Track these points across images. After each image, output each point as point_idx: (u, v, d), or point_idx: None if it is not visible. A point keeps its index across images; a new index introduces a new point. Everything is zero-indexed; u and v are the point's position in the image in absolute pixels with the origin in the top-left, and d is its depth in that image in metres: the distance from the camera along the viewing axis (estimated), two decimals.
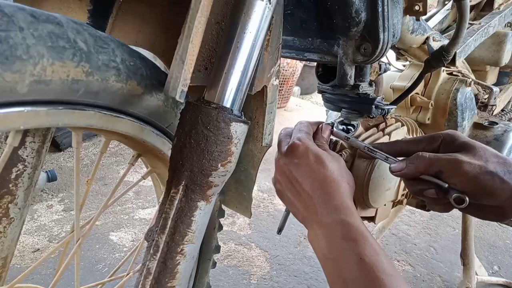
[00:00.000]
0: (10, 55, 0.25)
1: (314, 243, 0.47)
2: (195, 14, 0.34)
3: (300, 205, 0.50)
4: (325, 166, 0.49)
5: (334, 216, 0.45)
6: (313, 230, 0.47)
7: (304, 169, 0.49)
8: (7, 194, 0.45)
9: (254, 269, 1.33)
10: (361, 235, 0.43)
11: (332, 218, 0.45)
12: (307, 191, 0.48)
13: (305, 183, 0.49)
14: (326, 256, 0.44)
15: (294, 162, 0.50)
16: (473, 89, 0.96)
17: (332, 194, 0.47)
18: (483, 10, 1.11)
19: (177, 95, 0.35)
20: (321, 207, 0.47)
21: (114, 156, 2.11)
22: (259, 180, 1.96)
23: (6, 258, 0.48)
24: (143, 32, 0.53)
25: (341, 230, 0.44)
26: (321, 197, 0.47)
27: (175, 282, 0.39)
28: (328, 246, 0.44)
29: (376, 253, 0.41)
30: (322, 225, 0.46)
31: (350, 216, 0.45)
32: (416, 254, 1.50)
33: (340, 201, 0.47)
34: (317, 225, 0.47)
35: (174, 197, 0.38)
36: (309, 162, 0.49)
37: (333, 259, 0.43)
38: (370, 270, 0.40)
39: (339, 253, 0.43)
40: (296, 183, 0.50)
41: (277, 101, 0.50)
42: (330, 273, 0.43)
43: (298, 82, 3.91)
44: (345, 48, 0.54)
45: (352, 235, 0.43)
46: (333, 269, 0.43)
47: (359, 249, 0.42)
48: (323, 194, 0.47)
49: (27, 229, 1.42)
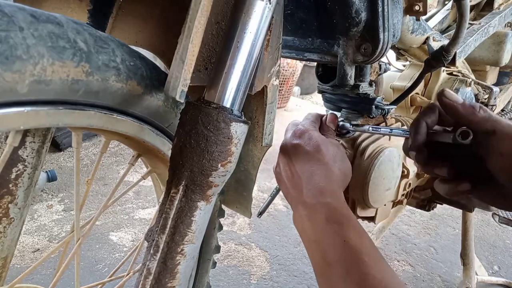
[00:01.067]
0: (10, 55, 0.25)
1: (299, 224, 0.47)
2: (195, 14, 0.34)
3: (290, 185, 0.51)
4: (320, 150, 0.50)
5: (319, 198, 0.46)
6: (298, 211, 0.48)
7: (300, 151, 0.51)
8: (7, 194, 0.45)
9: (254, 269, 1.33)
10: (346, 217, 0.44)
11: (316, 200, 0.46)
12: (298, 172, 0.49)
13: (298, 165, 0.50)
14: (310, 238, 0.45)
15: (293, 144, 0.52)
16: (473, 89, 0.96)
17: (320, 176, 0.48)
18: (483, 10, 1.11)
19: (177, 95, 0.35)
20: (306, 188, 0.47)
21: (114, 156, 2.11)
22: (259, 180, 1.96)
23: (6, 258, 0.48)
24: (143, 32, 0.52)
25: (326, 212, 0.44)
26: (308, 178, 0.48)
27: (175, 282, 0.39)
28: (312, 228, 0.45)
29: (360, 236, 0.42)
30: (306, 206, 0.46)
31: (334, 198, 0.46)
32: (416, 254, 1.50)
33: (326, 183, 0.47)
34: (302, 206, 0.47)
35: (174, 197, 0.38)
36: (304, 145, 0.51)
37: (316, 241, 0.44)
38: (353, 253, 0.40)
39: (323, 235, 0.43)
40: (292, 164, 0.51)
41: (277, 101, 0.50)
42: (314, 255, 0.44)
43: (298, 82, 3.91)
44: (345, 48, 0.54)
45: (336, 218, 0.44)
46: (317, 251, 0.43)
47: (343, 231, 0.42)
48: (311, 175, 0.48)
49: (27, 229, 1.42)
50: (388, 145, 0.74)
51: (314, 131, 0.53)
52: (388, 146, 0.73)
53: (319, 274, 0.43)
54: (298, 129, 0.54)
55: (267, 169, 2.04)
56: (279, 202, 1.79)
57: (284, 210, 1.73)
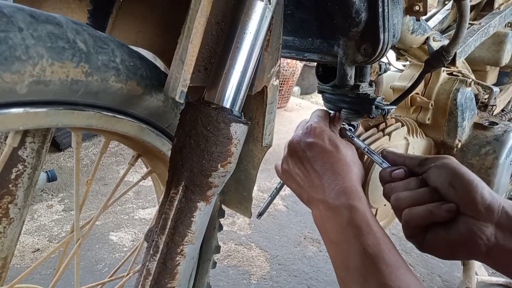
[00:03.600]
0: (9, 55, 0.25)
1: (320, 224, 0.47)
2: (195, 15, 0.34)
3: (308, 184, 0.50)
4: (339, 149, 0.49)
5: (342, 199, 0.45)
6: (319, 211, 0.47)
7: (317, 150, 0.50)
8: (7, 194, 0.45)
9: (254, 269, 1.33)
10: (366, 222, 0.43)
11: (340, 201, 0.45)
12: (318, 171, 0.49)
13: (316, 163, 0.49)
14: (331, 240, 0.45)
15: (308, 142, 0.51)
16: (473, 89, 0.96)
17: (343, 176, 0.47)
18: (483, 10, 1.11)
19: (177, 96, 0.35)
20: (329, 188, 0.47)
21: (114, 156, 2.11)
22: (259, 180, 1.96)
23: (6, 258, 0.48)
24: (143, 32, 0.52)
25: (348, 215, 0.44)
26: (331, 178, 0.47)
27: (175, 282, 0.39)
28: (334, 230, 0.45)
29: (378, 242, 0.41)
30: (329, 207, 0.46)
31: (358, 201, 0.45)
32: (416, 254, 1.50)
33: (350, 184, 0.47)
34: (323, 206, 0.47)
35: (174, 198, 0.38)
36: (323, 144, 0.50)
37: (337, 244, 0.44)
38: (371, 261, 0.40)
39: (343, 239, 0.43)
40: (307, 162, 0.50)
41: (277, 101, 0.50)
42: (334, 257, 0.44)
43: (298, 82, 3.91)
44: (345, 48, 0.53)
45: (358, 222, 0.43)
46: (337, 254, 0.43)
47: (363, 237, 0.42)
48: (334, 175, 0.48)
49: (27, 229, 1.42)
50: (388, 145, 0.74)
51: (328, 130, 0.52)
52: (388, 146, 0.73)
53: (339, 277, 0.43)
54: (312, 126, 0.52)
55: (267, 169, 2.04)
56: (279, 202, 1.79)
57: (284, 210, 1.73)
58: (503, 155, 0.85)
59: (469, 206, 0.40)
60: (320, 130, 0.51)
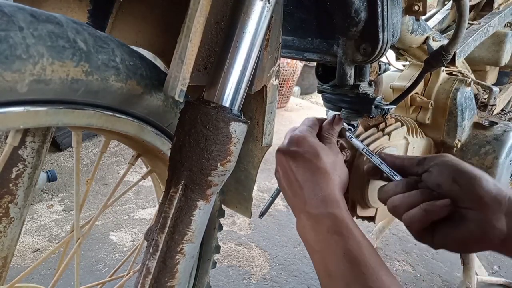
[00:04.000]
0: (10, 54, 0.25)
1: (302, 234, 0.48)
2: (194, 14, 0.34)
3: (291, 194, 0.51)
4: (319, 157, 0.50)
5: (322, 209, 0.46)
6: (301, 221, 0.48)
7: (299, 159, 0.50)
8: (7, 194, 0.45)
9: (254, 269, 1.33)
10: (346, 228, 0.44)
11: (319, 211, 0.46)
12: (299, 181, 0.49)
13: (298, 173, 0.50)
14: (313, 248, 0.45)
15: (291, 151, 0.51)
16: (473, 89, 0.96)
17: (321, 185, 0.48)
18: (482, 10, 1.11)
19: (176, 95, 0.35)
20: (309, 197, 0.48)
21: (114, 156, 2.11)
22: (259, 180, 1.96)
23: (6, 258, 0.48)
24: (143, 32, 0.53)
25: (327, 223, 0.45)
26: (310, 187, 0.48)
27: (175, 281, 0.39)
28: (315, 238, 0.45)
29: (359, 246, 0.42)
30: (309, 216, 0.47)
31: (337, 208, 0.46)
32: (416, 254, 1.50)
33: (328, 192, 0.47)
34: (304, 216, 0.47)
35: (174, 197, 0.38)
36: (303, 153, 0.50)
37: (319, 252, 0.44)
38: (352, 265, 0.40)
39: (324, 246, 0.44)
40: (291, 172, 0.51)
41: (277, 101, 0.50)
42: (317, 265, 0.44)
43: (298, 82, 3.91)
44: (344, 48, 0.54)
45: (337, 228, 0.44)
46: (320, 262, 0.44)
47: (343, 242, 0.42)
48: (313, 184, 0.48)
49: (27, 229, 1.42)
50: (388, 145, 0.74)
51: (311, 138, 0.52)
52: (388, 146, 0.73)
53: (323, 285, 0.43)
54: (295, 135, 0.53)
55: (267, 169, 2.04)
56: (279, 202, 1.79)
57: (284, 210, 1.73)
58: (503, 154, 0.85)
59: (476, 200, 0.40)
60: (302, 138, 0.52)
